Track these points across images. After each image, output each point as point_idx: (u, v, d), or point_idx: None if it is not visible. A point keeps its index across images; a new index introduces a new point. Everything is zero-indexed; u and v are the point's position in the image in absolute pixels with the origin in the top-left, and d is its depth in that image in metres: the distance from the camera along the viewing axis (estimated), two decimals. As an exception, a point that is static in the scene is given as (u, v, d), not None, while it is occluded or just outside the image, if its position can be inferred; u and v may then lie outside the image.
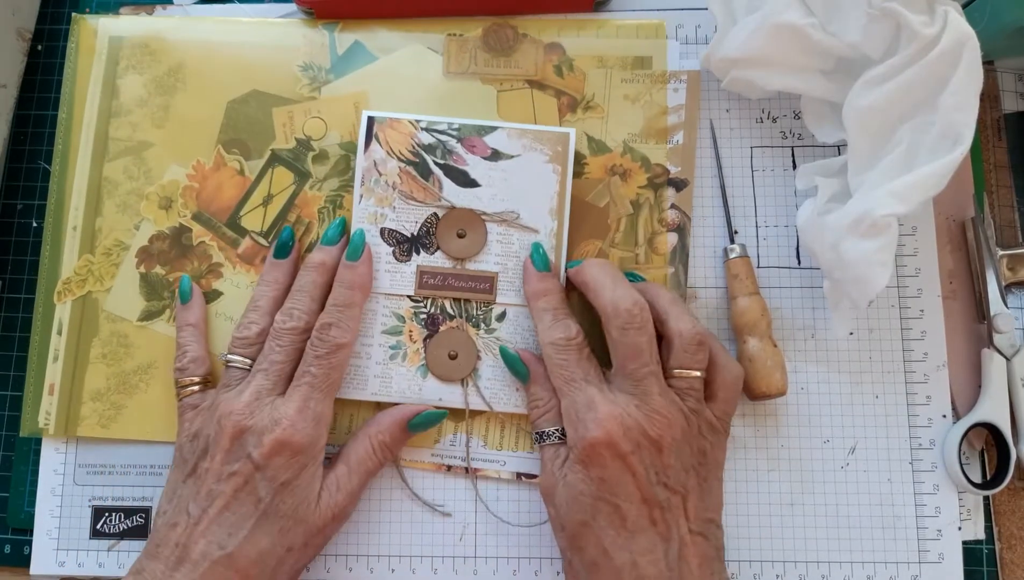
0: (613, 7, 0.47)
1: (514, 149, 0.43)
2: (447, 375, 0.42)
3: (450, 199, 0.42)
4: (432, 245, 0.42)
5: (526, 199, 0.42)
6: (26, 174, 0.48)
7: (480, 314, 0.42)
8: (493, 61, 0.46)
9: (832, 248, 0.39)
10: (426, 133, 0.43)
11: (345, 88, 0.46)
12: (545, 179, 0.42)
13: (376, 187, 0.43)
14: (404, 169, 0.43)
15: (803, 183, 0.43)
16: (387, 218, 0.42)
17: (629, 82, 0.45)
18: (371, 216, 0.43)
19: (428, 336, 0.42)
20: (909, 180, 0.37)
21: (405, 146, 0.43)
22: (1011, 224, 0.46)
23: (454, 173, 0.43)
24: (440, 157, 0.43)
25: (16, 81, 0.49)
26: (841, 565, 0.42)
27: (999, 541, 0.43)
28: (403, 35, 0.46)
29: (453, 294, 0.42)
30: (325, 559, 0.42)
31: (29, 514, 0.44)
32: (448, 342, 0.42)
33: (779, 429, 0.43)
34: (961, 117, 0.37)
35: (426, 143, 0.43)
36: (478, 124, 0.43)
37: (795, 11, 0.40)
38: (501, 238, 0.42)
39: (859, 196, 0.38)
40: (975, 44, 0.37)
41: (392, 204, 0.43)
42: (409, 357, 0.42)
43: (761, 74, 0.42)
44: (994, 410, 0.42)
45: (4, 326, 0.47)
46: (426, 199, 0.42)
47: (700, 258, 0.44)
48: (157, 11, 0.49)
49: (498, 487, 0.43)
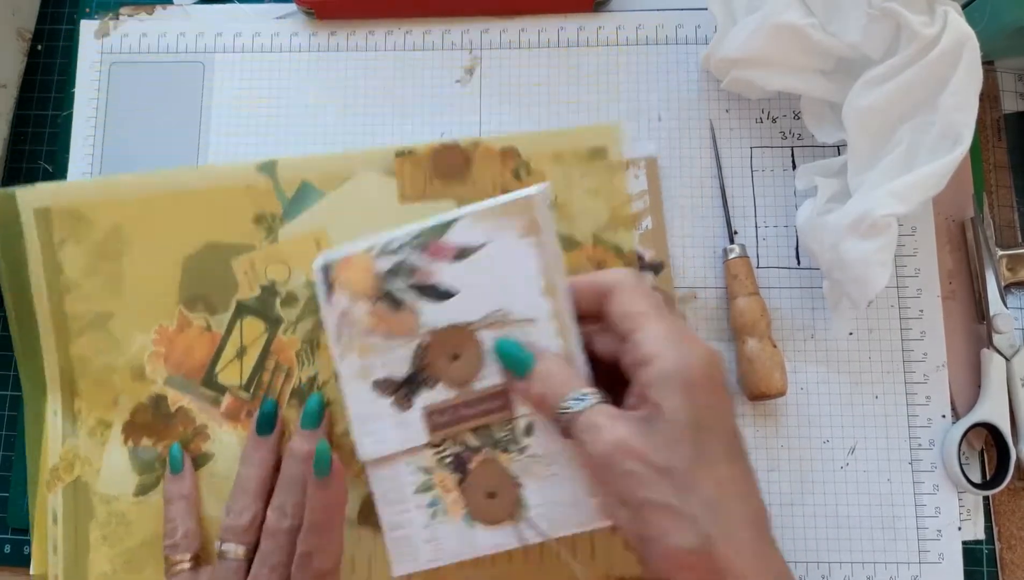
0: (613, 7, 0.47)
1: (479, 238, 0.36)
2: (493, 518, 0.37)
3: (429, 323, 0.37)
4: (430, 378, 0.37)
5: (510, 290, 0.36)
6: (26, 174, 0.48)
7: (505, 436, 0.36)
8: (449, 184, 0.43)
9: (832, 248, 0.39)
10: (383, 258, 0.37)
11: (302, 228, 0.43)
12: (523, 259, 0.36)
13: (353, 340, 0.37)
14: (373, 309, 0.37)
15: (803, 183, 0.43)
16: (375, 368, 0.37)
17: (588, 175, 0.43)
18: (358, 372, 0.37)
19: (461, 479, 0.37)
20: (909, 180, 0.37)
21: (367, 284, 0.37)
22: (1011, 224, 0.46)
23: (425, 291, 0.37)
24: (404, 280, 0.37)
25: (16, 81, 0.49)
26: (841, 565, 0.42)
27: (999, 541, 0.43)
28: (346, 162, 0.43)
29: (469, 425, 0.36)
30: (325, 559, 0.42)
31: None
32: (482, 480, 0.37)
33: (779, 429, 0.43)
34: (961, 117, 0.37)
35: (386, 269, 0.37)
36: (434, 225, 0.37)
37: (795, 11, 0.40)
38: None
39: (859, 196, 0.38)
40: (975, 44, 0.37)
41: (374, 351, 0.37)
42: (449, 509, 0.37)
43: (761, 74, 0.42)
44: (994, 410, 0.42)
45: (4, 326, 0.47)
46: (406, 333, 0.37)
47: (700, 258, 0.44)
48: (157, 11, 0.49)
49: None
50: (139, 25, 0.49)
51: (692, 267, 0.44)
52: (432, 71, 0.47)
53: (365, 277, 0.37)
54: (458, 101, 0.47)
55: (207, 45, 0.48)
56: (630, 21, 0.47)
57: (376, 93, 0.47)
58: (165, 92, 0.48)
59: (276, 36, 0.48)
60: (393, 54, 0.48)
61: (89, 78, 0.48)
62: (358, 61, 0.48)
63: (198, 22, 0.49)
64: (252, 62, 0.48)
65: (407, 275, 0.37)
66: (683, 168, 0.45)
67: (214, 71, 0.48)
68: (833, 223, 0.39)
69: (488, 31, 0.48)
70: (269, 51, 0.48)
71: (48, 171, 0.48)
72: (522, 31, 0.47)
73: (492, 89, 0.47)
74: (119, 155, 0.47)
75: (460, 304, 0.37)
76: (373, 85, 0.47)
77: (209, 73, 0.48)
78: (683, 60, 0.47)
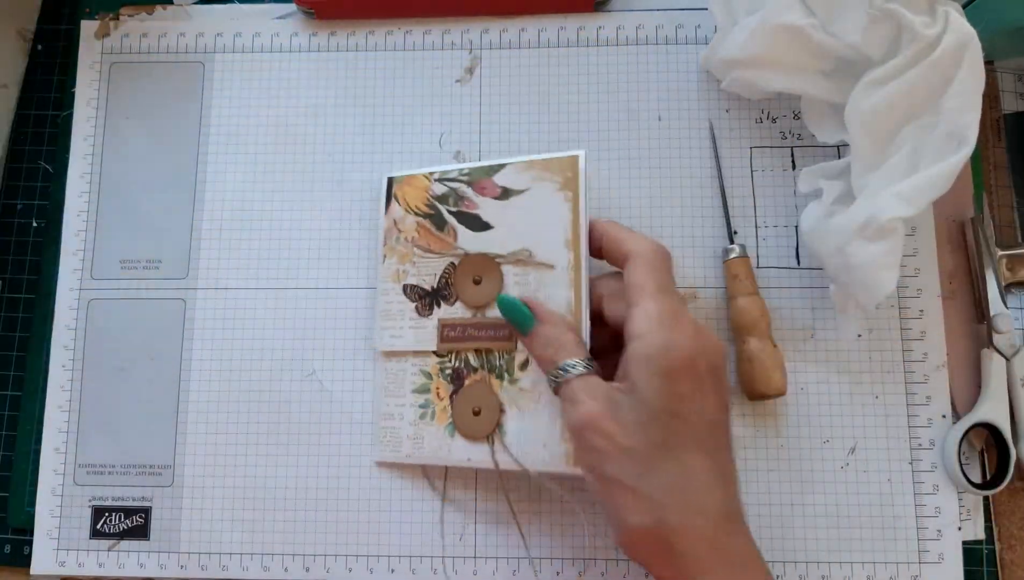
0: (613, 7, 0.47)
1: (523, 183, 0.41)
2: (472, 433, 0.40)
3: (464, 246, 0.41)
4: (451, 296, 0.41)
5: (539, 234, 0.40)
6: (26, 174, 0.48)
7: (503, 363, 0.40)
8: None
9: (838, 252, 0.38)
10: (439, 184, 0.42)
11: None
12: (557, 209, 0.39)
13: (397, 245, 0.43)
14: (421, 223, 0.42)
15: (806, 186, 0.43)
16: (408, 274, 0.42)
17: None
18: (393, 274, 0.43)
19: (454, 392, 0.41)
20: (915, 182, 0.37)
21: (421, 201, 0.43)
22: (1011, 224, 0.46)
23: (467, 219, 0.41)
24: (453, 205, 0.42)
25: (17, 81, 0.49)
26: (841, 565, 0.42)
27: (999, 541, 0.43)
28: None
29: (474, 345, 0.40)
30: (325, 559, 0.42)
31: (29, 514, 0.44)
32: (472, 397, 0.40)
33: (779, 429, 0.43)
34: (965, 118, 0.37)
35: (439, 193, 0.42)
36: (487, 165, 0.42)
37: (795, 12, 0.40)
38: (518, 279, 0.40)
39: (864, 199, 0.38)
40: (977, 45, 0.37)
41: (412, 259, 0.42)
42: (437, 415, 0.41)
43: (761, 75, 0.42)
44: (994, 410, 0.42)
45: (4, 326, 0.47)
46: (442, 250, 0.42)
47: (700, 258, 0.44)
48: (157, 11, 0.49)
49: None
50: (139, 25, 0.49)
51: (692, 267, 0.44)
52: (432, 71, 0.47)
53: (421, 195, 0.43)
54: (458, 101, 0.47)
55: (207, 45, 0.48)
56: (630, 21, 0.47)
57: (376, 93, 0.47)
58: (165, 92, 0.48)
59: (276, 36, 0.48)
60: (393, 54, 0.48)
61: (89, 78, 0.48)
62: (358, 61, 0.48)
63: (198, 22, 0.49)
64: (252, 62, 0.48)
65: (456, 202, 0.42)
66: (683, 168, 0.45)
67: (214, 71, 0.48)
68: (839, 226, 0.38)
69: (488, 31, 0.48)
70: (269, 51, 0.48)
71: (48, 171, 0.48)
72: (522, 31, 0.47)
73: (492, 89, 0.47)
74: (119, 155, 0.47)
75: (494, 236, 0.41)
76: (373, 85, 0.47)
77: (209, 73, 0.48)
78: (683, 60, 0.47)
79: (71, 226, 0.46)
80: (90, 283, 0.46)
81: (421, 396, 0.42)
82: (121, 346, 0.45)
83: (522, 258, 0.40)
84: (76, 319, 0.45)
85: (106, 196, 0.47)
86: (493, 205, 0.41)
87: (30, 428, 0.45)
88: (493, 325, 0.40)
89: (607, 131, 0.46)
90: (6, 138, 0.48)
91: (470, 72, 0.47)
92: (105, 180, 0.47)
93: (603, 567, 0.42)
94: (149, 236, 0.46)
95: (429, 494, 0.43)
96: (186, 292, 0.46)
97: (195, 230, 0.46)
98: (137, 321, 0.45)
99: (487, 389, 0.40)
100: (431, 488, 0.43)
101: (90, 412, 0.45)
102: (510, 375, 0.40)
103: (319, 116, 0.47)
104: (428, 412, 0.41)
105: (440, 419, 0.41)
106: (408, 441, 0.42)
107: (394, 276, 0.43)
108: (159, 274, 0.46)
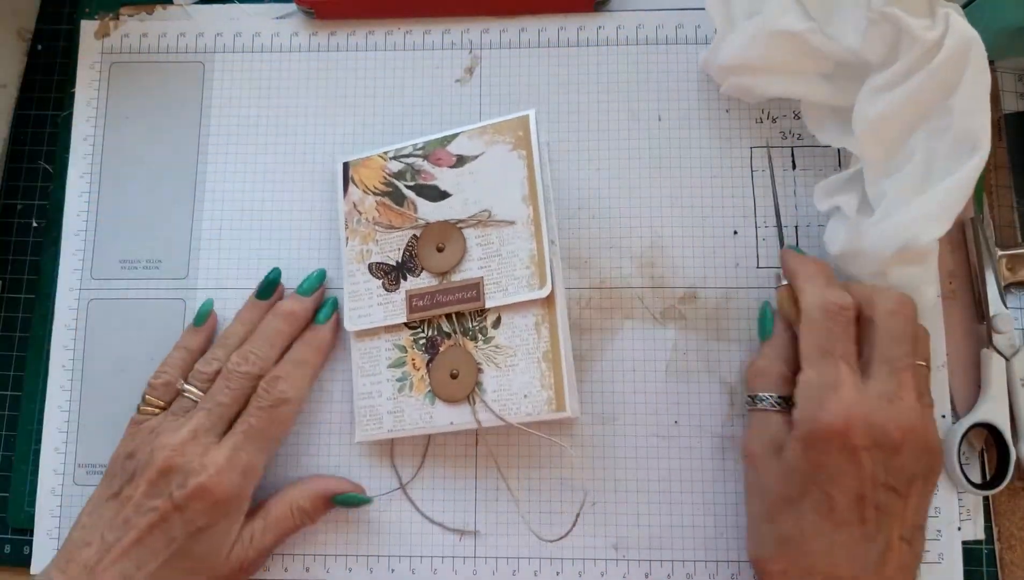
0: (613, 7, 0.47)
1: (477, 148, 0.42)
2: (451, 396, 0.41)
3: (425, 217, 0.42)
4: (416, 267, 0.42)
5: (497, 194, 0.41)
6: (26, 174, 0.48)
7: (476, 325, 0.41)
8: None
9: (879, 275, 0.39)
10: (395, 161, 0.43)
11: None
12: (512, 168, 0.41)
13: (359, 226, 0.43)
14: (380, 201, 0.43)
15: (823, 205, 0.42)
16: (372, 253, 0.43)
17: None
18: (357, 255, 0.43)
19: (430, 360, 0.41)
20: (941, 198, 0.37)
21: (378, 180, 0.43)
22: (1011, 224, 0.46)
23: (425, 191, 0.43)
24: (410, 180, 0.43)
25: (16, 81, 0.49)
26: (841, 565, 0.42)
27: (999, 541, 0.43)
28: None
29: (443, 310, 0.41)
30: (325, 559, 0.42)
31: (29, 514, 0.44)
32: (448, 362, 0.41)
33: (779, 429, 0.43)
34: (975, 122, 0.36)
35: (396, 170, 0.43)
36: (440, 136, 0.43)
37: (793, 15, 0.40)
38: (481, 241, 0.41)
39: (888, 218, 0.38)
40: (981, 48, 0.36)
41: (375, 238, 0.43)
42: (415, 386, 0.41)
43: (760, 80, 0.42)
44: (994, 410, 0.42)
45: (4, 326, 0.47)
46: (403, 224, 0.42)
47: (699, 258, 0.44)
48: (157, 11, 0.49)
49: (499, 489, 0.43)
50: (139, 25, 0.49)
51: (692, 267, 0.44)
52: (432, 71, 0.47)
53: (378, 175, 0.43)
54: (458, 101, 0.47)
55: (207, 45, 0.48)
56: (630, 21, 0.47)
57: (376, 93, 0.47)
58: (165, 92, 0.48)
59: (276, 36, 0.48)
60: (393, 54, 0.48)
61: (89, 78, 0.48)
62: (358, 61, 0.48)
63: (198, 22, 0.49)
64: (252, 62, 0.48)
65: (412, 176, 0.43)
66: (683, 168, 0.45)
67: (214, 71, 0.48)
68: (873, 252, 0.38)
69: (488, 31, 0.48)
70: (269, 51, 0.48)
71: (48, 171, 0.48)
72: (522, 31, 0.47)
73: (492, 89, 0.47)
74: (119, 155, 0.47)
75: (453, 203, 0.42)
76: (373, 85, 0.47)
77: (209, 73, 0.48)
78: (683, 60, 0.47)
79: (71, 226, 0.46)
80: (90, 283, 0.46)
81: (397, 370, 0.42)
82: (121, 346, 0.45)
83: (482, 219, 0.42)
84: (76, 319, 0.45)
85: (106, 196, 0.47)
86: (449, 174, 0.42)
87: (30, 428, 0.45)
88: (460, 287, 0.41)
89: (607, 131, 0.46)
90: (6, 138, 0.48)
91: (470, 72, 0.47)
92: (105, 180, 0.47)
93: (603, 567, 0.42)
94: (149, 236, 0.46)
95: (429, 494, 0.43)
96: (186, 292, 0.46)
97: (195, 230, 0.46)
98: (137, 321, 0.45)
99: (462, 352, 0.41)
100: (396, 474, 0.43)
101: (90, 412, 0.45)
102: (484, 335, 0.41)
103: (319, 116, 0.47)
104: (406, 385, 0.42)
105: (418, 389, 0.41)
106: (388, 416, 0.42)
107: (358, 257, 0.43)
108: (159, 274, 0.46)
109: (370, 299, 0.42)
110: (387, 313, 0.42)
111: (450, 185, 0.42)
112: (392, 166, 0.43)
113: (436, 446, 0.43)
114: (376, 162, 0.44)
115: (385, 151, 0.44)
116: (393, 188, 0.43)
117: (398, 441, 0.43)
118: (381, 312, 0.42)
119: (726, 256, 0.44)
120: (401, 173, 0.43)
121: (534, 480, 0.43)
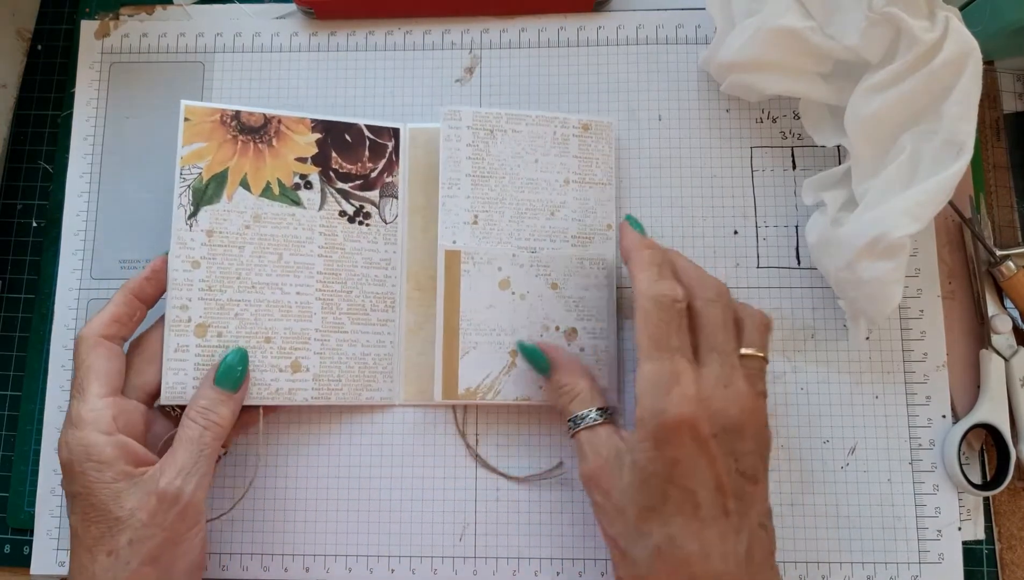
0: (613, 7, 0.47)
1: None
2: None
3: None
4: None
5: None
6: (26, 174, 0.48)
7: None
8: None
9: (847, 268, 0.39)
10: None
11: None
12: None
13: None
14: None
15: (809, 198, 0.43)
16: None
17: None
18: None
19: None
20: (919, 197, 0.37)
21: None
22: (1011, 224, 0.46)
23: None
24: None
25: (16, 81, 0.49)
26: (841, 565, 0.42)
27: (999, 541, 0.43)
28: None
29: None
30: (325, 559, 0.42)
31: (29, 514, 0.44)
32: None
33: (779, 429, 0.43)
34: (964, 127, 0.37)
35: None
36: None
37: (793, 14, 0.40)
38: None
39: (867, 210, 0.38)
40: (979, 55, 0.37)
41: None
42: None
43: (760, 78, 0.42)
44: (993, 411, 0.42)
45: (4, 326, 0.47)
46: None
47: (699, 258, 0.44)
48: (157, 11, 0.49)
49: (497, 485, 0.43)
50: (139, 25, 0.49)
51: (692, 267, 0.44)
52: (432, 71, 0.47)
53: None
54: (458, 101, 0.47)
55: (207, 45, 0.48)
56: (630, 21, 0.47)
57: (376, 93, 0.47)
58: (165, 92, 0.48)
59: (276, 36, 0.48)
60: (393, 54, 0.48)
61: (89, 78, 0.48)
62: (358, 61, 0.48)
63: (198, 22, 0.49)
64: (252, 62, 0.48)
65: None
66: (683, 168, 0.45)
67: (214, 71, 0.48)
68: (847, 242, 0.38)
69: (488, 31, 0.48)
70: (269, 51, 0.48)
71: (48, 171, 0.48)
72: (522, 31, 0.47)
73: (492, 89, 0.47)
74: (119, 155, 0.47)
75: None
76: (373, 85, 0.47)
77: (209, 73, 0.48)
78: (683, 60, 0.47)
79: (71, 226, 0.46)
80: (90, 283, 0.46)
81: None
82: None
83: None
84: (76, 319, 0.45)
85: (106, 196, 0.47)
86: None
87: (30, 428, 0.45)
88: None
89: (607, 131, 0.46)
90: (6, 138, 0.48)
91: (470, 72, 0.47)
92: (105, 180, 0.47)
93: (603, 567, 0.42)
94: (149, 236, 0.46)
95: (429, 494, 0.43)
96: (186, 292, 0.45)
97: (195, 230, 0.46)
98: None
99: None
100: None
101: (90, 412, 0.45)
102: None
103: (319, 116, 0.47)
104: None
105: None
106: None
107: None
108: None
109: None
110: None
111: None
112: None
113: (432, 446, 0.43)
114: None
115: None
116: None
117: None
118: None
119: (726, 256, 0.45)
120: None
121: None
